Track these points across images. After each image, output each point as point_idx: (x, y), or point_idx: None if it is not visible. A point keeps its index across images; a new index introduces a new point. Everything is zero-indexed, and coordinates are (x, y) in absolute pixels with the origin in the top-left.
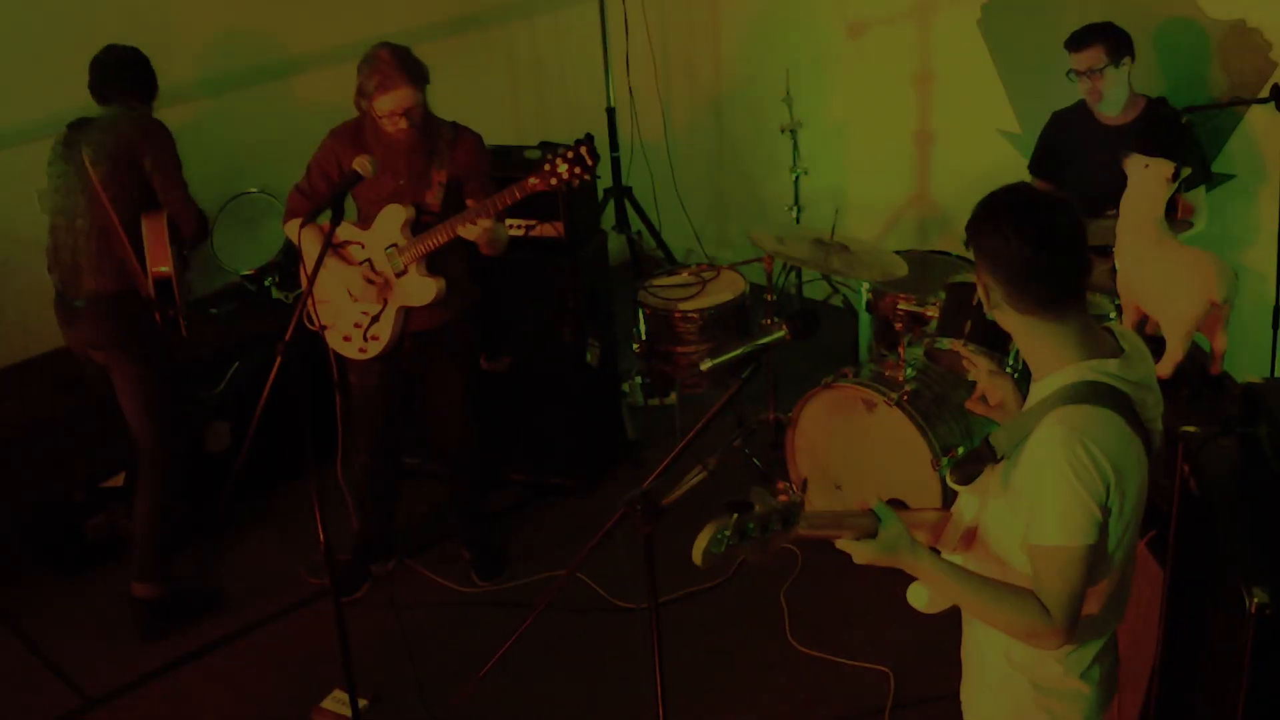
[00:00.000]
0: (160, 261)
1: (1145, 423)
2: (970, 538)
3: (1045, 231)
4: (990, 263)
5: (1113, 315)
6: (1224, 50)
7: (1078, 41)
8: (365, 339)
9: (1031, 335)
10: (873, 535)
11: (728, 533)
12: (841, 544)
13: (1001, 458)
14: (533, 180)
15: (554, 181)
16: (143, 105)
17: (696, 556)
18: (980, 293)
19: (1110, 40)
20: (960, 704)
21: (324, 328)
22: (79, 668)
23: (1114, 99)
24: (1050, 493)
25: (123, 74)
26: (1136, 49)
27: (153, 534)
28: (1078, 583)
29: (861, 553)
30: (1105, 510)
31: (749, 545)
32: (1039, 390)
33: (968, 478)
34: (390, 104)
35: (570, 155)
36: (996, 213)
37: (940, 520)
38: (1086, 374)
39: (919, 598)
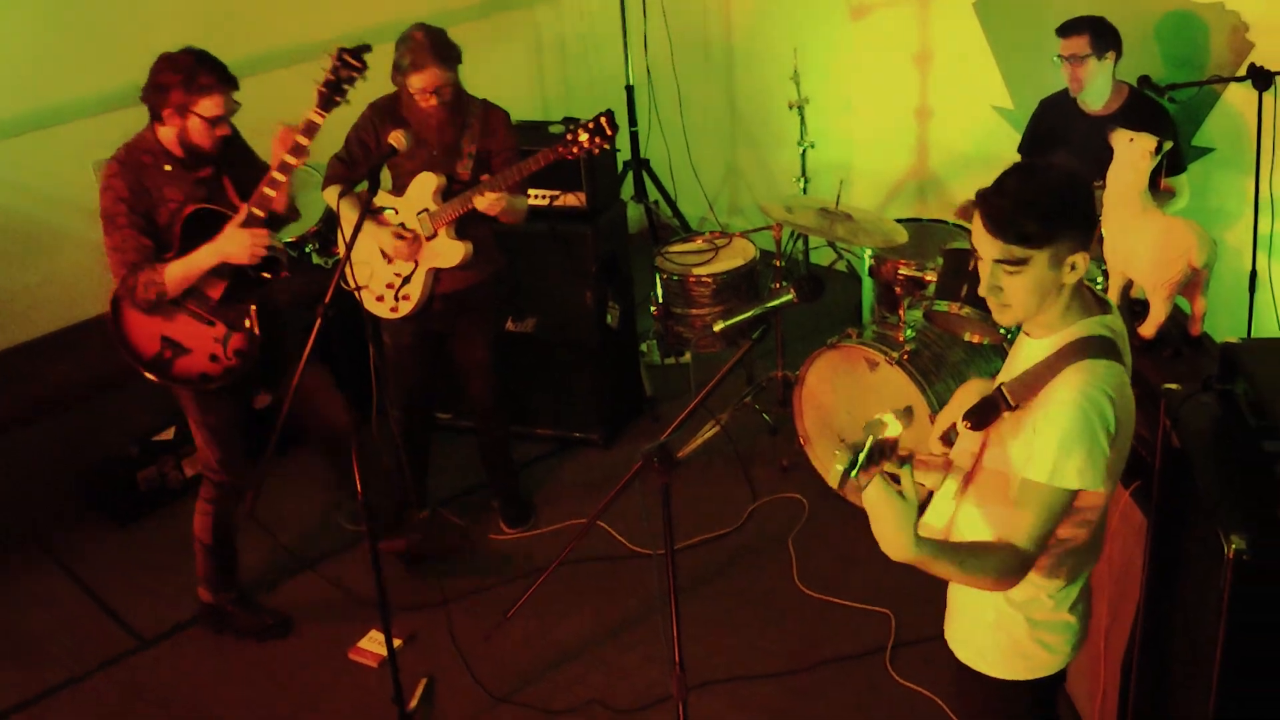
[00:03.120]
0: (142, 366)
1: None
2: (968, 482)
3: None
4: (1087, 228)
5: (1100, 280)
6: (1204, 31)
7: (1066, 28)
8: (397, 299)
9: (1063, 297)
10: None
11: (862, 456)
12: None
13: (1015, 407)
14: (559, 149)
15: (576, 150)
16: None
17: (832, 480)
18: (1069, 270)
19: (1097, 31)
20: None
21: (360, 288)
22: (132, 610)
23: (1095, 90)
24: (1072, 440)
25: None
26: (1122, 29)
27: (201, 550)
28: (1058, 522)
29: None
30: (1111, 452)
31: (871, 471)
32: (1041, 348)
33: (981, 424)
34: (421, 82)
35: (591, 126)
36: (1076, 183)
37: (942, 464)
38: (1096, 329)
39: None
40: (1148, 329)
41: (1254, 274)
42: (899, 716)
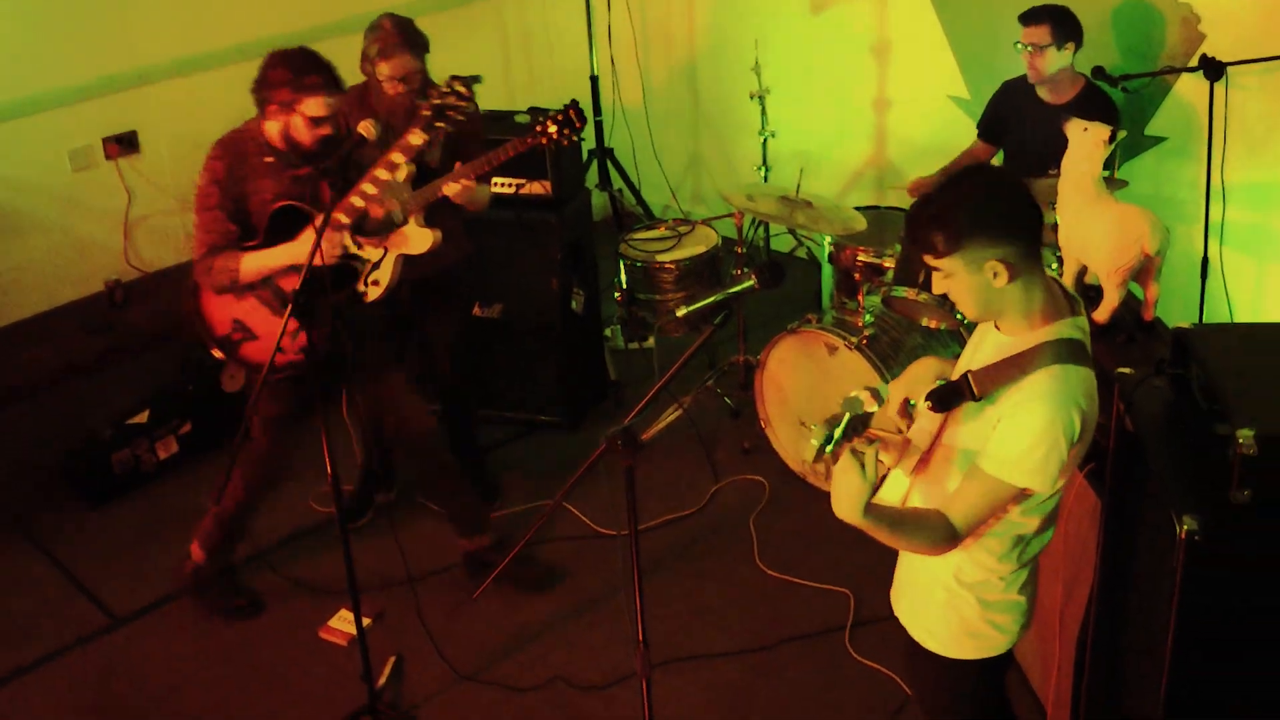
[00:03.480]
0: (213, 343)
1: None
2: (924, 464)
3: (1015, 179)
4: (1005, 231)
5: (1054, 266)
6: (1158, 23)
7: (1028, 17)
8: (366, 284)
9: (1024, 292)
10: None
11: (839, 432)
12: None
13: (980, 397)
14: (529, 140)
15: (544, 140)
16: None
17: (808, 454)
18: (991, 276)
19: (1058, 22)
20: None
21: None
22: (106, 589)
23: (1053, 80)
24: (1033, 442)
25: None
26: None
27: (214, 516)
28: (996, 512)
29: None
30: (1069, 456)
31: (844, 445)
32: (1012, 342)
33: (944, 407)
34: (389, 70)
35: (560, 118)
36: (984, 188)
37: (901, 443)
38: (1071, 331)
39: None
40: (1101, 314)
41: (1205, 261)
42: (858, 694)
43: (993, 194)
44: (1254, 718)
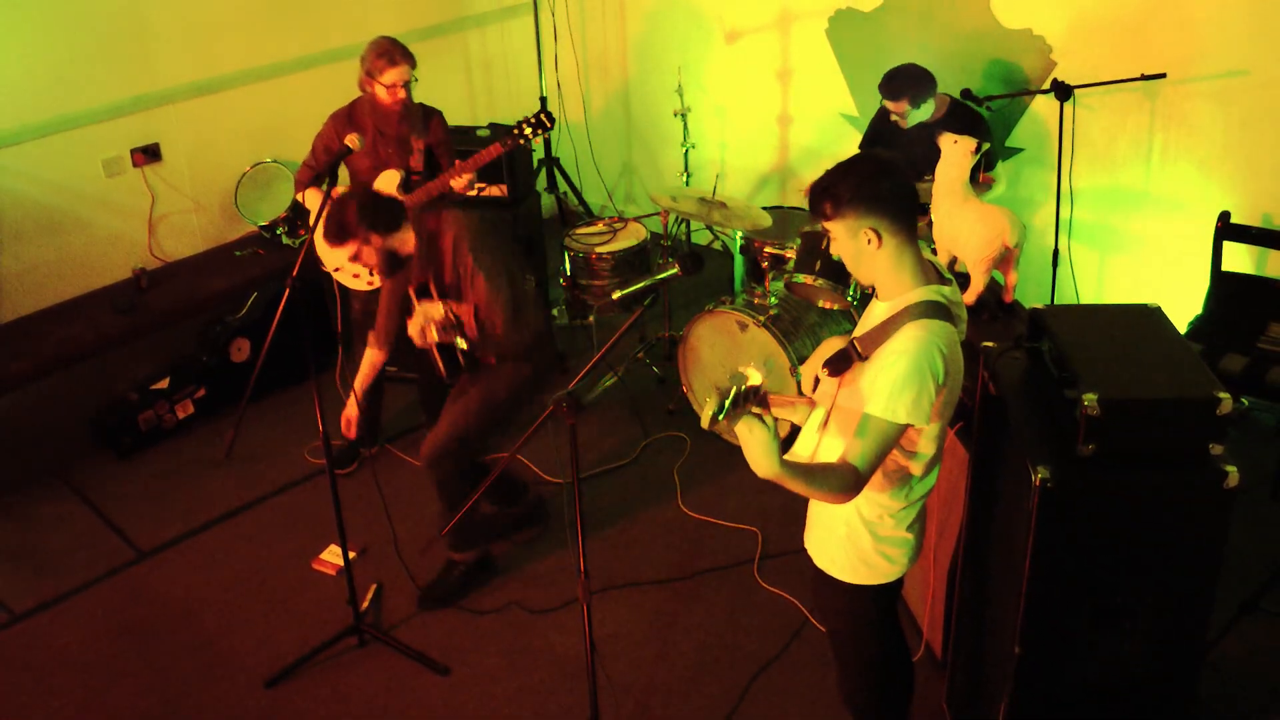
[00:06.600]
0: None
1: (958, 332)
2: (827, 422)
3: (900, 167)
4: (878, 205)
5: (931, 256)
6: (1016, 52)
7: (890, 91)
8: (372, 274)
9: (894, 260)
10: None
11: (728, 402)
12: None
13: (865, 358)
14: (508, 141)
15: (521, 141)
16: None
17: (705, 421)
18: (865, 242)
19: (915, 92)
20: (806, 553)
21: (336, 269)
22: (133, 527)
23: (919, 117)
24: (905, 382)
25: None
26: (949, 50)
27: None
28: (889, 450)
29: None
30: (939, 397)
31: (737, 412)
32: (887, 308)
33: (838, 371)
34: (395, 76)
35: (533, 120)
36: (868, 169)
37: (807, 404)
38: (932, 295)
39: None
40: (969, 297)
41: (1056, 252)
42: (764, 616)
43: (873, 175)
44: (1095, 633)
